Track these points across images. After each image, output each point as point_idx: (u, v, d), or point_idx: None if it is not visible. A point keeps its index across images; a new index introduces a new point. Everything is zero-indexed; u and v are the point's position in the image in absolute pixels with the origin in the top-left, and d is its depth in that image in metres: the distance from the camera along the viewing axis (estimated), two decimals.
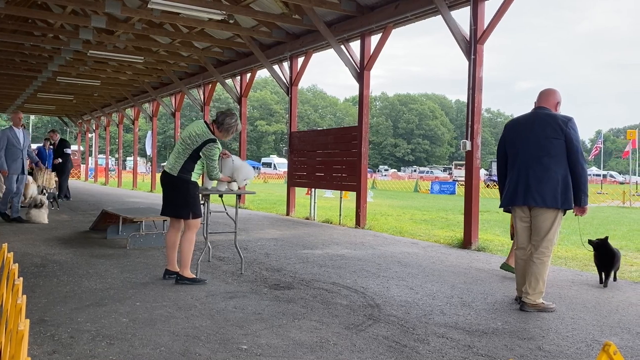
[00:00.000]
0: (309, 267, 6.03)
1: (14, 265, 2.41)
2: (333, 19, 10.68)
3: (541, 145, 4.30)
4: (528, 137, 4.37)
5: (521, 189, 4.34)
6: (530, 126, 4.39)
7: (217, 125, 5.07)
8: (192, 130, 5.02)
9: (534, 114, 4.48)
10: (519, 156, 4.41)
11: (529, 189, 4.30)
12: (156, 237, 7.29)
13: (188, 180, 4.99)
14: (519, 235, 4.50)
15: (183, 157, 4.96)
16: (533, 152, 4.32)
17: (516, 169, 4.41)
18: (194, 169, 5.00)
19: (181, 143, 5.03)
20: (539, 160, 4.29)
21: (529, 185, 4.30)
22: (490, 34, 7.76)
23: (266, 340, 3.43)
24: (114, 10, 10.13)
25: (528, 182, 4.31)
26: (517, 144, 4.44)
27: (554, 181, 4.25)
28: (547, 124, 4.32)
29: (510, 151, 4.51)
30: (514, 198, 4.40)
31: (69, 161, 14.85)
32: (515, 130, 4.50)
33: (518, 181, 4.37)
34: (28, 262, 5.84)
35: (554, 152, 4.27)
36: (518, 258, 4.54)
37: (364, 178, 10.36)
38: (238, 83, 15.27)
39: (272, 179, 43.90)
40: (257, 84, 79.19)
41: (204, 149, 4.94)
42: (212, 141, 4.96)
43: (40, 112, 36.38)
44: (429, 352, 3.31)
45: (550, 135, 4.28)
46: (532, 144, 4.34)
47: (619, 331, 3.87)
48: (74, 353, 3.12)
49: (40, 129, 72.02)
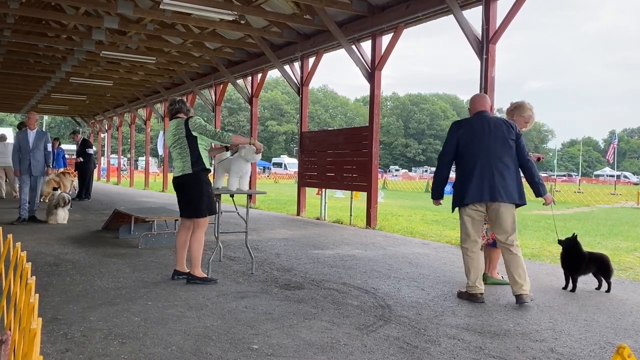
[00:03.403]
0: (320, 267, 6.03)
1: (27, 264, 2.43)
2: (344, 19, 10.67)
3: (502, 147, 4.63)
4: (488, 139, 4.64)
5: (486, 186, 4.57)
6: (487, 129, 4.67)
7: (183, 113, 5.12)
8: (170, 131, 5.08)
9: (485, 117, 4.76)
10: (479, 157, 4.63)
11: (495, 186, 4.56)
12: (168, 236, 7.32)
13: (202, 169, 4.97)
14: (470, 230, 4.69)
15: (187, 154, 4.95)
16: (495, 153, 4.61)
17: (478, 169, 4.61)
18: (201, 156, 4.97)
19: (174, 147, 5.03)
20: (501, 160, 4.60)
21: (494, 183, 4.56)
22: (502, 33, 7.71)
23: (277, 340, 3.43)
24: (126, 11, 10.19)
25: (493, 180, 4.57)
26: (475, 145, 4.67)
27: (515, 179, 4.63)
28: (502, 127, 4.69)
29: (466, 152, 4.71)
30: (480, 195, 4.59)
31: (91, 161, 15.11)
32: (471, 133, 4.72)
33: (483, 179, 4.59)
34: (41, 261, 5.89)
35: (511, 152, 4.65)
36: (469, 251, 4.71)
37: (374, 178, 10.34)
38: (249, 83, 15.31)
39: (283, 179, 43.95)
40: (268, 84, 79.36)
41: (190, 127, 4.94)
42: (189, 118, 5.01)
43: (53, 112, 36.74)
44: (440, 354, 3.29)
45: (508, 137, 4.66)
46: (493, 145, 4.62)
47: (632, 333, 3.83)
48: (87, 351, 3.14)
49: (54, 129, 72.73)
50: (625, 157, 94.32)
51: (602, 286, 5.14)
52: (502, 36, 7.77)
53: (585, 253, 5.08)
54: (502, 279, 5.36)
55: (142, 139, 51.39)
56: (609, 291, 5.05)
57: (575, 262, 5.06)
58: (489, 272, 5.38)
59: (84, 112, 31.72)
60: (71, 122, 47.08)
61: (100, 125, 32.47)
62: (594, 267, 5.08)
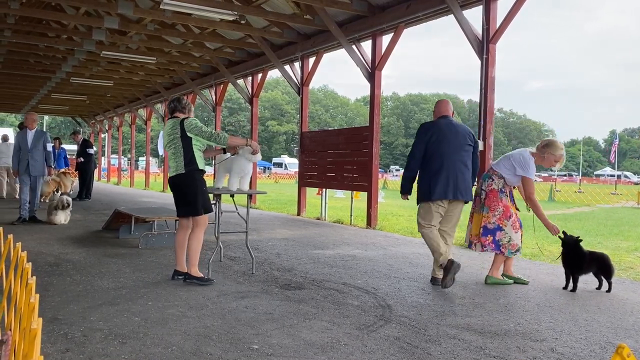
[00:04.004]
0: (320, 267, 6.03)
1: (28, 264, 2.43)
2: (344, 19, 10.67)
3: (465, 151, 5.23)
4: (454, 142, 5.18)
5: (451, 186, 5.13)
6: (453, 133, 5.21)
7: (180, 112, 5.10)
8: (166, 131, 5.07)
9: (450, 122, 5.31)
10: (445, 158, 5.14)
11: (458, 186, 5.15)
12: (168, 236, 7.32)
13: (196, 169, 4.96)
14: (434, 220, 5.24)
15: (180, 155, 4.94)
16: (459, 156, 5.18)
17: (445, 168, 5.13)
18: (194, 157, 4.96)
19: (169, 146, 5.04)
20: (463, 162, 5.20)
21: (457, 183, 5.14)
22: (502, 33, 7.72)
23: (277, 340, 3.43)
24: (126, 11, 10.20)
25: (457, 181, 5.14)
26: (443, 147, 5.15)
27: (470, 180, 5.26)
28: (465, 132, 5.28)
29: (436, 151, 5.16)
30: (445, 193, 5.13)
31: (92, 161, 15.12)
32: (439, 135, 5.20)
33: (449, 179, 5.12)
34: (42, 261, 5.89)
35: (469, 155, 5.27)
36: (432, 234, 5.23)
37: (375, 178, 10.34)
38: (249, 83, 15.31)
39: (283, 179, 43.95)
40: (268, 84, 79.39)
41: (186, 128, 4.91)
42: (185, 119, 4.99)
43: (53, 112, 36.72)
44: (441, 354, 3.28)
45: (468, 142, 5.26)
46: (458, 148, 5.19)
47: (633, 333, 3.82)
48: (87, 351, 3.14)
49: (54, 129, 72.76)
50: (626, 157, 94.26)
51: (603, 286, 5.13)
52: (502, 36, 7.77)
53: (586, 252, 5.07)
54: (503, 279, 5.37)
55: (142, 139, 51.40)
56: (610, 291, 5.05)
57: (576, 261, 5.06)
58: (490, 272, 5.40)
59: (85, 112, 31.73)
60: (71, 122, 47.09)
61: (100, 126, 32.48)
62: (594, 267, 5.07)
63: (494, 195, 5.34)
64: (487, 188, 5.39)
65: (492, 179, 5.39)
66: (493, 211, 5.32)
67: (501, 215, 5.29)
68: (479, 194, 5.50)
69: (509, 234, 5.27)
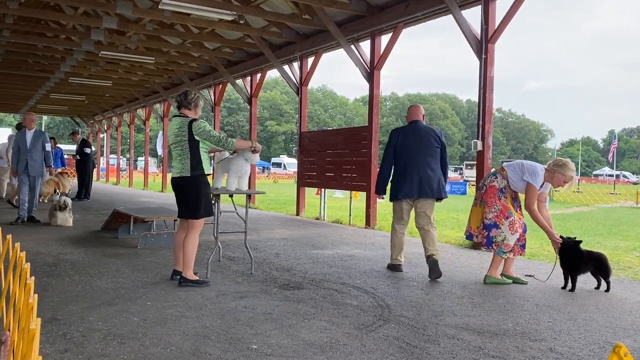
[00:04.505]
0: (319, 267, 6.03)
1: (26, 264, 2.43)
2: (343, 19, 10.67)
3: (430, 152, 5.65)
4: (420, 145, 5.65)
5: (416, 185, 5.61)
6: (419, 136, 5.68)
7: (185, 108, 5.00)
8: (173, 129, 4.96)
9: (417, 126, 5.77)
10: (411, 159, 5.63)
11: (422, 185, 5.60)
12: (167, 236, 7.32)
13: (201, 174, 4.91)
14: (404, 217, 5.82)
15: (187, 157, 4.87)
16: (424, 158, 5.63)
17: (410, 169, 5.62)
18: (201, 160, 4.91)
19: (174, 146, 4.95)
20: (428, 163, 5.63)
21: (422, 182, 5.60)
22: (501, 33, 7.72)
23: (276, 340, 3.43)
24: (125, 11, 10.19)
25: (421, 180, 5.60)
26: (409, 149, 5.66)
27: (438, 179, 5.67)
28: (431, 135, 5.70)
29: (401, 154, 5.71)
30: (411, 192, 5.63)
31: (90, 161, 15.11)
32: (406, 138, 5.72)
33: (413, 179, 5.61)
34: (40, 261, 5.89)
35: (436, 157, 5.68)
36: (398, 232, 5.86)
37: (373, 178, 10.33)
38: (248, 83, 15.31)
39: (282, 179, 43.97)
40: (267, 84, 79.30)
41: (194, 131, 4.84)
42: (193, 121, 4.90)
43: (52, 112, 36.70)
44: (440, 353, 3.29)
45: (434, 144, 5.67)
46: (423, 151, 5.64)
47: (632, 333, 3.83)
48: (86, 352, 3.14)
49: (53, 129, 72.67)
50: (625, 157, 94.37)
51: (602, 286, 5.14)
52: (501, 36, 7.77)
53: (584, 252, 5.08)
54: (502, 279, 5.38)
55: (141, 139, 51.36)
56: (608, 290, 5.05)
57: (575, 261, 5.07)
58: (489, 272, 5.40)
59: (83, 112, 31.70)
60: (70, 122, 47.01)
61: (99, 126, 32.46)
62: (592, 266, 5.09)
63: (492, 192, 5.36)
64: (488, 184, 5.42)
65: (495, 177, 5.41)
66: (490, 207, 5.34)
67: (499, 213, 5.30)
68: (480, 188, 5.57)
69: (505, 233, 5.28)
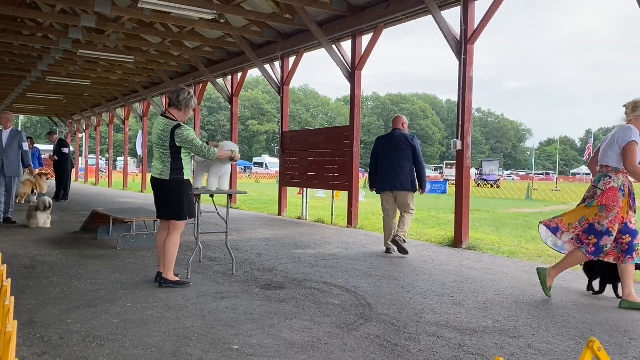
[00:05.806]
0: (301, 267, 6.03)
1: (3, 266, 2.39)
2: (324, 19, 10.68)
3: (400, 154, 7.01)
4: (393, 149, 7.07)
5: (388, 182, 7.06)
6: (394, 142, 7.10)
7: (175, 107, 4.89)
8: (157, 129, 4.84)
9: (394, 134, 7.17)
10: (387, 160, 7.07)
11: (393, 181, 7.01)
12: (147, 237, 7.26)
13: (182, 180, 4.85)
14: (385, 206, 7.21)
15: (167, 159, 4.80)
16: (396, 159, 7.01)
17: (385, 168, 7.08)
18: (182, 166, 4.84)
19: (156, 147, 4.85)
20: (399, 164, 7.00)
21: (393, 179, 7.01)
22: (480, 34, 7.79)
23: (258, 340, 3.42)
24: (104, 9, 10.06)
25: (393, 177, 7.01)
26: (385, 152, 7.13)
27: (407, 175, 7.00)
28: (402, 140, 7.06)
29: (381, 156, 7.17)
30: (385, 186, 7.10)
31: (69, 161, 14.87)
32: (384, 144, 7.22)
33: (387, 176, 7.05)
34: (17, 263, 5.79)
35: (406, 157, 7.00)
36: (385, 219, 7.23)
37: (355, 178, 10.38)
38: (229, 82, 15.23)
39: (264, 179, 43.82)
40: (248, 83, 79.05)
41: (176, 138, 4.73)
42: (177, 127, 4.77)
43: (29, 112, 36.11)
44: (420, 351, 3.32)
45: (404, 147, 7.02)
46: (395, 153, 7.03)
47: (608, 329, 3.91)
48: (64, 354, 3.10)
49: (30, 129, 71.46)
50: None
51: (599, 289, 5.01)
52: (480, 37, 7.85)
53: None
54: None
55: (120, 139, 50.77)
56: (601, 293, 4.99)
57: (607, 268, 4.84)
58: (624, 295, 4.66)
59: (62, 112, 31.22)
60: (48, 122, 46.28)
61: (78, 125, 32.01)
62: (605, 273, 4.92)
63: (613, 193, 4.65)
64: (604, 187, 4.68)
65: (609, 177, 4.70)
66: (610, 212, 4.62)
67: (614, 217, 4.63)
68: (592, 192, 4.82)
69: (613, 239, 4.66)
